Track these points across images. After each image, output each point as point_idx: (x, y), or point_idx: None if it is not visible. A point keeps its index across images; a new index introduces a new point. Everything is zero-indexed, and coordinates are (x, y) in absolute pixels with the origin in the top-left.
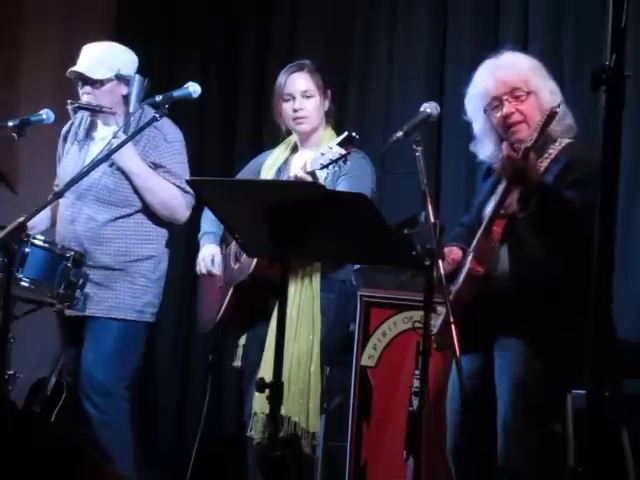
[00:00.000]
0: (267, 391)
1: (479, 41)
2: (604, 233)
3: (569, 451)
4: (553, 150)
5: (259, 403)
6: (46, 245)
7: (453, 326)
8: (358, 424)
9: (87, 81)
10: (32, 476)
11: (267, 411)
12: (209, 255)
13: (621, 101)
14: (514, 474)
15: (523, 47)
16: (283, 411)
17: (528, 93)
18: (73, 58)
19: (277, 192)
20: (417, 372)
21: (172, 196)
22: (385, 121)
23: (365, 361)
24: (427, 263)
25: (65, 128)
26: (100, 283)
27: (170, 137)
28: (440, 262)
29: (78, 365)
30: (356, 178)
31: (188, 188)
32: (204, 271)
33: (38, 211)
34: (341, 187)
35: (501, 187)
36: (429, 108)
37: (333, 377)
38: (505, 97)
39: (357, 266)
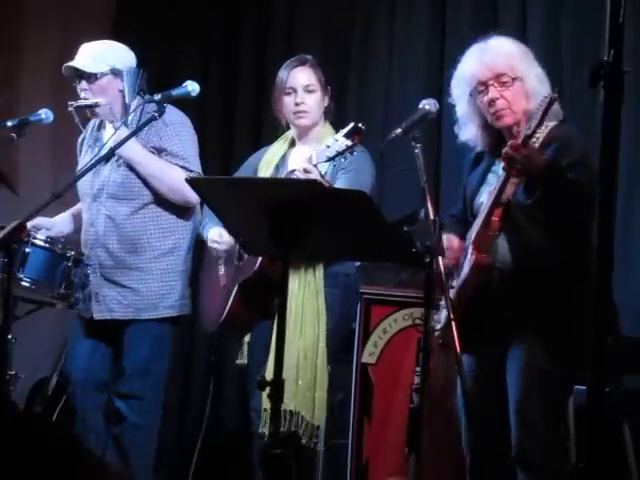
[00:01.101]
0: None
1: (478, 35)
2: (604, 229)
3: (570, 447)
4: (540, 134)
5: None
6: (47, 245)
7: (453, 323)
8: (359, 422)
9: (82, 76)
10: (34, 475)
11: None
12: (216, 236)
13: (620, 97)
14: (527, 462)
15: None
16: (292, 406)
17: (514, 79)
18: (72, 58)
19: (277, 190)
20: (418, 369)
21: (178, 179)
22: (384, 116)
23: (366, 358)
24: (427, 260)
25: (80, 139)
26: (126, 285)
27: (169, 119)
28: (440, 259)
29: (89, 364)
30: (355, 172)
31: (193, 167)
32: (219, 249)
33: (36, 211)
34: (340, 182)
35: (499, 178)
36: (428, 105)
37: (334, 375)
38: (491, 82)
39: (357, 263)
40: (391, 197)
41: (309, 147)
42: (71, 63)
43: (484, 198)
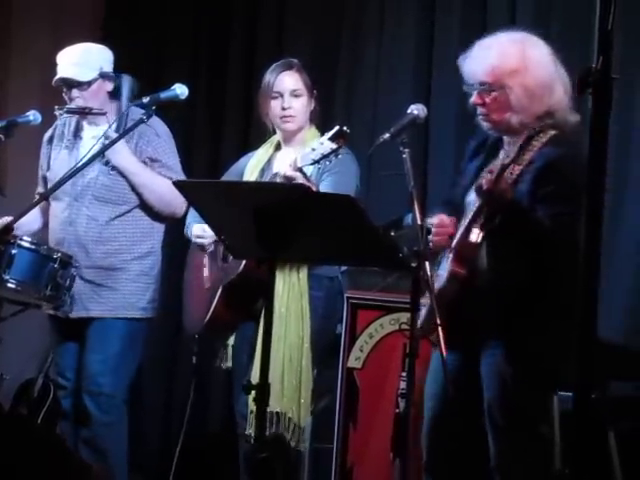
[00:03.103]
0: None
1: (467, 38)
2: (591, 233)
3: (555, 453)
4: (532, 151)
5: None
6: (33, 247)
7: (440, 329)
8: (344, 426)
9: (73, 85)
10: (20, 476)
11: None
12: (200, 230)
13: (608, 104)
14: (507, 473)
15: None
16: (279, 408)
17: (497, 88)
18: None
19: (264, 194)
20: (404, 374)
21: (169, 191)
22: (372, 119)
23: (352, 363)
24: (414, 265)
25: (48, 133)
26: (102, 284)
27: (160, 131)
28: (427, 264)
29: (77, 365)
30: (340, 175)
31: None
32: (204, 243)
33: (25, 213)
34: (325, 184)
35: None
36: (416, 110)
37: (320, 379)
38: (475, 86)
39: (344, 267)
40: (378, 202)
41: (294, 150)
42: (61, 75)
43: (473, 197)
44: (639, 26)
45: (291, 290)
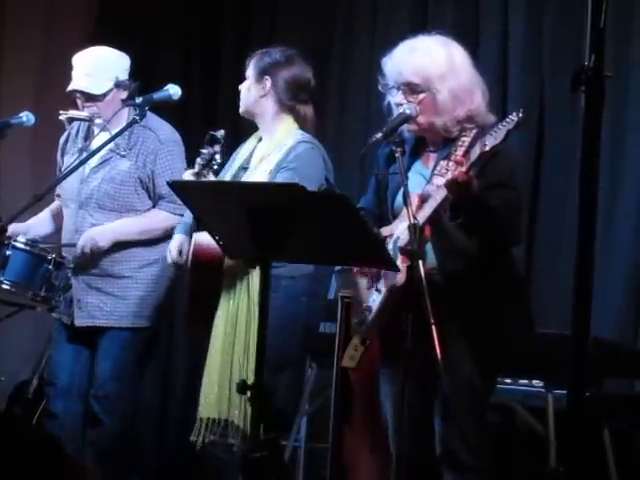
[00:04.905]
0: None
1: (460, 37)
2: (585, 232)
3: (550, 451)
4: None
5: (204, 408)
6: (27, 248)
7: (434, 327)
8: (339, 425)
9: (87, 97)
10: (14, 476)
11: (212, 415)
12: (176, 246)
13: (601, 101)
14: (454, 462)
15: (503, 41)
16: (215, 415)
17: (424, 90)
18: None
19: (257, 194)
20: None
21: (153, 222)
22: (365, 119)
23: (346, 362)
24: (407, 264)
25: (62, 139)
26: (110, 293)
27: (164, 137)
28: (420, 262)
29: (72, 367)
30: (294, 172)
31: (178, 210)
32: (170, 261)
33: (18, 214)
34: (279, 179)
35: (438, 196)
36: (408, 109)
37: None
38: (400, 87)
39: (338, 267)
40: None
41: (268, 141)
42: (75, 86)
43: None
44: (632, 23)
45: (240, 292)
